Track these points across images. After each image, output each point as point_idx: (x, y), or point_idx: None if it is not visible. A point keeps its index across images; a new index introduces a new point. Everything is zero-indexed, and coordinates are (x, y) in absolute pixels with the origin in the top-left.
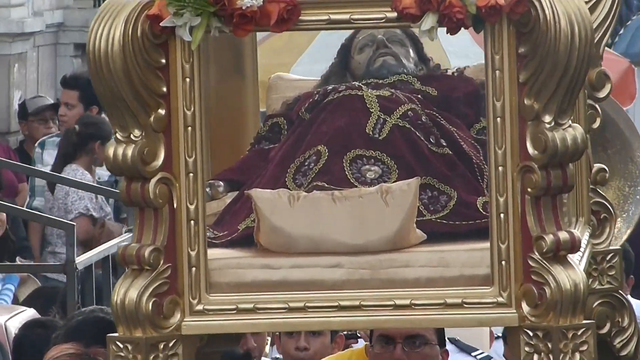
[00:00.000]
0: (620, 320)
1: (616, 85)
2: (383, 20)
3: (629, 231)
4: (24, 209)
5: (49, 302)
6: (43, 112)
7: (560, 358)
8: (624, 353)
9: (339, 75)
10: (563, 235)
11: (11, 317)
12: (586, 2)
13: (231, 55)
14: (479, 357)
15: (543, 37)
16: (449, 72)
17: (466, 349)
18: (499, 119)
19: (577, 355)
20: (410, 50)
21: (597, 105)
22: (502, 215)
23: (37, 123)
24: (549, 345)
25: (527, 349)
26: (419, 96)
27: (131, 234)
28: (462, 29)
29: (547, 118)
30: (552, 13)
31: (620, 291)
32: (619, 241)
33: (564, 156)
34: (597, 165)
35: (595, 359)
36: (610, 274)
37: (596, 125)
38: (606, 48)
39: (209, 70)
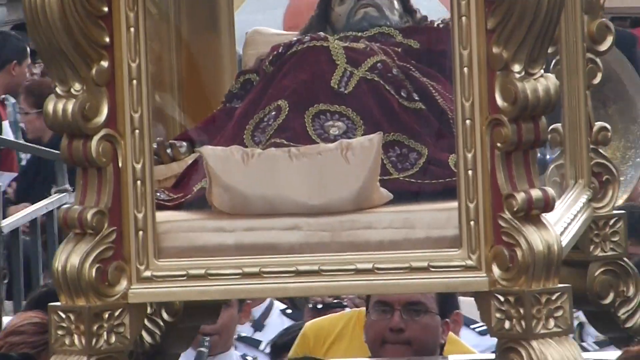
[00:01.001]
0: (625, 289)
1: None
2: None
3: (625, 195)
4: None
5: None
6: None
7: (534, 324)
8: (629, 325)
9: (318, 28)
10: (535, 193)
11: None
12: None
13: (205, 8)
14: (477, 329)
15: None
16: (435, 24)
17: (466, 322)
18: (465, 69)
19: (552, 321)
20: (395, 2)
21: (597, 59)
22: (470, 172)
23: None
24: (521, 310)
25: (498, 315)
26: (399, 49)
27: (60, 195)
28: None
29: (517, 67)
30: None
31: (625, 258)
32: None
33: (536, 108)
34: (598, 124)
35: (571, 325)
36: (613, 240)
37: (597, 80)
38: None
39: (181, 25)
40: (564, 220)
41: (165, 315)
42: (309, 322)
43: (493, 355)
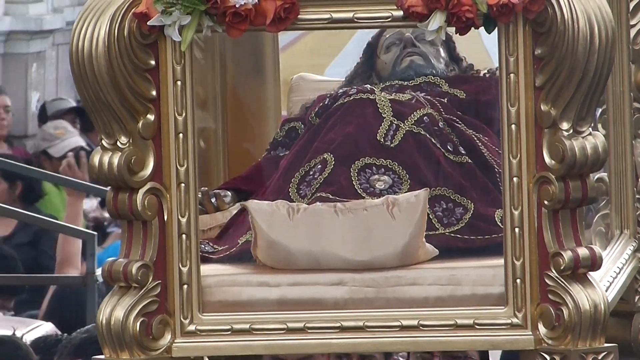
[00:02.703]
0: None
1: None
2: (389, 20)
3: None
4: (44, 217)
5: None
6: (63, 116)
7: None
8: None
9: (364, 76)
10: (582, 251)
11: (29, 332)
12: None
13: (251, 54)
14: None
15: (560, 38)
16: (482, 73)
17: None
18: (513, 126)
19: None
20: (441, 50)
21: None
22: (517, 229)
23: None
24: None
25: None
26: (445, 100)
27: None
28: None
29: (565, 125)
30: (570, 12)
31: None
32: None
33: (583, 166)
34: None
35: None
36: None
37: None
38: None
39: (227, 71)
40: (610, 275)
41: None
42: None
43: None
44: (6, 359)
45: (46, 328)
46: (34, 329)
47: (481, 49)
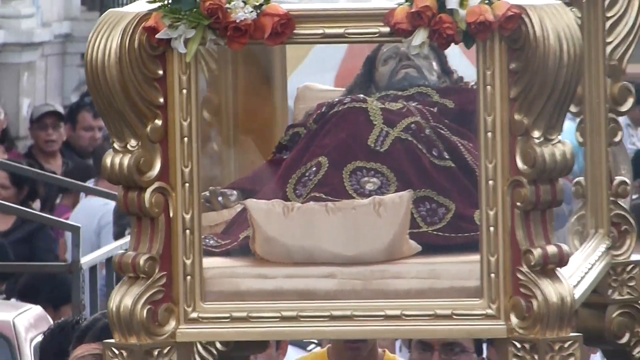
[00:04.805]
0: (639, 330)
1: None
2: (377, 35)
3: None
4: (31, 210)
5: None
6: (43, 119)
7: None
8: None
9: (363, 86)
10: (551, 249)
11: (19, 314)
12: (609, 17)
13: (260, 66)
14: None
15: (533, 54)
16: (470, 85)
17: None
18: (489, 134)
19: None
20: (434, 63)
21: (618, 119)
22: (491, 228)
23: (39, 130)
24: (536, 357)
25: None
26: (435, 109)
27: None
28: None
29: (536, 133)
30: (542, 30)
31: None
32: None
33: (553, 171)
34: (618, 178)
35: None
36: (630, 284)
37: (617, 138)
38: None
39: (238, 80)
40: (581, 270)
41: (218, 345)
42: None
43: None
44: None
45: (36, 311)
46: (24, 312)
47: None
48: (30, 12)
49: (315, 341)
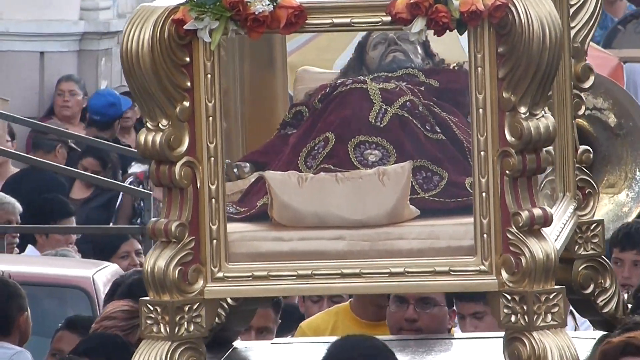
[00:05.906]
0: (602, 281)
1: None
2: (379, 24)
3: (638, 209)
4: (107, 179)
5: None
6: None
7: (534, 318)
8: (605, 310)
9: (355, 69)
10: (537, 211)
11: (98, 271)
12: (572, 5)
13: (265, 51)
14: None
15: (518, 38)
16: (451, 66)
17: None
18: (480, 110)
19: (549, 316)
20: (418, 47)
21: (582, 94)
22: (484, 194)
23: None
24: (525, 307)
25: (505, 310)
26: (422, 88)
27: None
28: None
29: (523, 109)
30: (527, 17)
31: (602, 256)
32: (630, 217)
33: (538, 142)
34: (582, 147)
35: (565, 319)
36: (594, 241)
37: (581, 112)
38: (597, 46)
39: (244, 64)
40: (557, 229)
41: (229, 300)
42: (304, 322)
43: (501, 335)
44: None
45: (113, 268)
46: (103, 269)
47: (458, 46)
48: (108, 4)
49: None
